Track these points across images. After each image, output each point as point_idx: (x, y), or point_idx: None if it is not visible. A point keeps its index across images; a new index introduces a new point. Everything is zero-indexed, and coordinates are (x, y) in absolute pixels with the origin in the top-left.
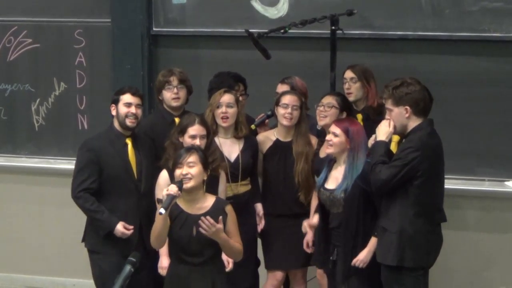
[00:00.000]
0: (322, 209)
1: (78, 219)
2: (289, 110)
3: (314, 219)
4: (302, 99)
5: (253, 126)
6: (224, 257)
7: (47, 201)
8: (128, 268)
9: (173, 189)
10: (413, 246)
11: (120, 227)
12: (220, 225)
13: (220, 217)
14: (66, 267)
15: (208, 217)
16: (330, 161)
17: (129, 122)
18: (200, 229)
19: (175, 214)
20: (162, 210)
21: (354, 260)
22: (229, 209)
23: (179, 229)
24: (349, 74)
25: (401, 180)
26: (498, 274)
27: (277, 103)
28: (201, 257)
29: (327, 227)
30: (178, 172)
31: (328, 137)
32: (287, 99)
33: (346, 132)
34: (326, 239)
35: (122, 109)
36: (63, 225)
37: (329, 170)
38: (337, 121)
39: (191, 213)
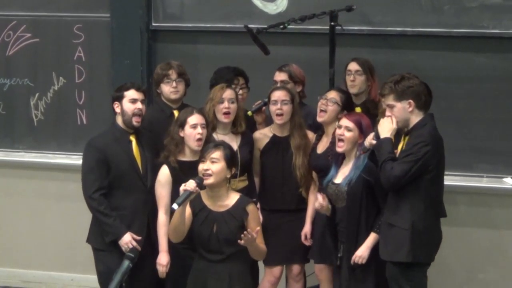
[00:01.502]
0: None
1: (76, 214)
2: (278, 105)
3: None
4: (291, 93)
5: (249, 113)
6: None
7: (45, 196)
8: (126, 263)
9: (191, 185)
10: (424, 242)
11: (128, 237)
12: (255, 235)
13: (258, 228)
14: (63, 262)
15: (249, 231)
16: (339, 157)
17: (135, 121)
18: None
19: (198, 209)
20: (175, 206)
21: (353, 257)
22: (251, 208)
23: (200, 225)
24: (354, 66)
25: (413, 175)
26: (496, 270)
27: (268, 100)
28: (220, 254)
29: (333, 223)
30: (200, 167)
31: (340, 131)
32: (275, 96)
33: (359, 126)
34: (332, 236)
35: (128, 106)
36: (61, 219)
37: (339, 166)
38: (348, 115)
39: (213, 209)
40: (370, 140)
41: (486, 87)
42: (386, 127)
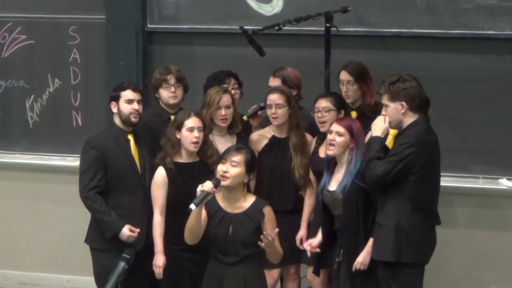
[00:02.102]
0: (326, 211)
1: (72, 216)
2: (273, 110)
3: (318, 235)
4: (287, 94)
5: (245, 117)
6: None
7: (41, 198)
8: (122, 264)
9: (208, 186)
10: (411, 242)
11: (127, 231)
12: (274, 237)
13: (277, 230)
14: (59, 263)
15: (269, 233)
16: (330, 162)
17: (133, 117)
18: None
19: (213, 211)
20: (193, 206)
21: (355, 264)
22: (267, 210)
23: (216, 226)
24: (345, 76)
25: (396, 175)
26: (492, 272)
27: (265, 103)
28: (236, 256)
29: (331, 229)
30: (219, 167)
31: (331, 136)
32: (270, 100)
33: (350, 130)
34: (330, 241)
35: (125, 107)
36: (57, 221)
37: (332, 172)
38: (339, 120)
39: (229, 211)
40: (366, 139)
41: (481, 88)
42: (378, 126)
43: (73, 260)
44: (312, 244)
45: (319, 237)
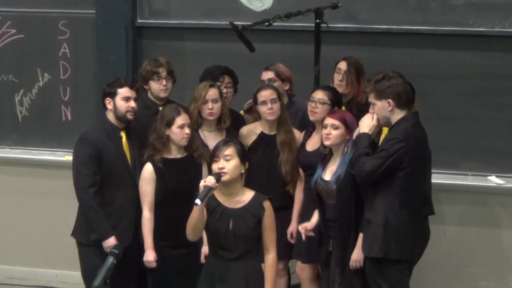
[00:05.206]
0: (319, 202)
1: (60, 211)
2: (269, 105)
3: (313, 219)
4: (277, 90)
5: (242, 112)
6: (203, 249)
7: (29, 192)
8: (111, 260)
9: (211, 180)
10: (398, 238)
11: (113, 241)
12: None
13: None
14: (48, 258)
15: None
16: (325, 156)
17: (129, 115)
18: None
19: (213, 206)
20: (198, 201)
21: (350, 263)
22: (267, 204)
23: (216, 222)
24: (344, 66)
25: (385, 171)
26: (480, 269)
27: (255, 101)
28: (236, 252)
29: (322, 219)
30: (214, 166)
31: (326, 130)
32: (263, 96)
33: (344, 122)
34: (321, 232)
35: (121, 104)
36: (46, 216)
37: (326, 163)
38: (332, 114)
39: (229, 206)
40: (354, 136)
41: (471, 84)
42: (365, 123)
43: (61, 255)
44: (306, 227)
45: (313, 221)
